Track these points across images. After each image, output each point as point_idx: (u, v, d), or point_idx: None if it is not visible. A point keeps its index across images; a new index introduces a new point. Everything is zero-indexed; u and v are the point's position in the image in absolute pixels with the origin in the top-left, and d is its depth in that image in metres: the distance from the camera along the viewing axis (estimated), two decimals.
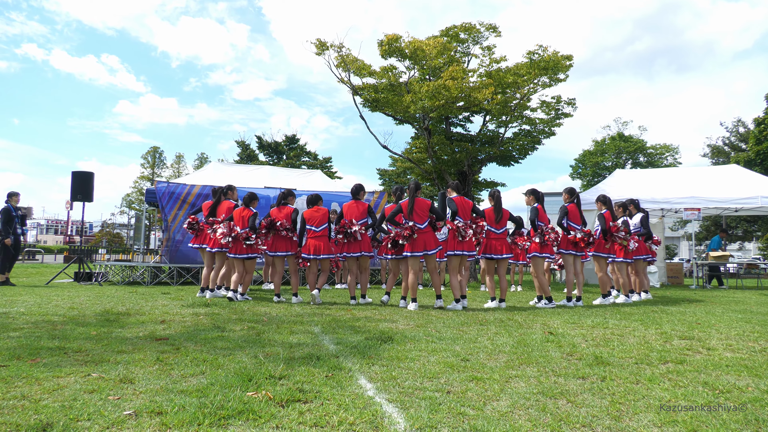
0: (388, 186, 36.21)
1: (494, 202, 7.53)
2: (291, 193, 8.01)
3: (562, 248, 7.76)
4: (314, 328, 5.01)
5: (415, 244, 6.93)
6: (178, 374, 3.14)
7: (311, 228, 7.58)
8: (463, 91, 13.83)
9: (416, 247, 6.94)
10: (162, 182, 11.63)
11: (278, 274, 7.85)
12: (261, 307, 6.87)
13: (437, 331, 4.89)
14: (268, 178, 13.86)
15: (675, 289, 11.99)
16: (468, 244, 7.13)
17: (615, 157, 38.97)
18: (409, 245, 6.95)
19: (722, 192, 12.72)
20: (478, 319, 5.89)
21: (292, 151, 36.48)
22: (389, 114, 16.55)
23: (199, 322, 5.27)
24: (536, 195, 7.81)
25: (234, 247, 7.72)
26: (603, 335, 4.79)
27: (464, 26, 16.24)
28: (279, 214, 7.79)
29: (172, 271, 11.31)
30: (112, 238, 50.44)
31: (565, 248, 7.76)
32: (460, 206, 7.19)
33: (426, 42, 15.03)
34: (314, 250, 7.50)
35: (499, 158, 17.64)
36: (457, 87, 13.54)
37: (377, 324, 5.37)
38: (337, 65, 15.74)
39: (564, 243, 7.77)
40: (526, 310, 6.99)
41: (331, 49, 15.61)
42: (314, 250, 7.50)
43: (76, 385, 2.89)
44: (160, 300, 7.50)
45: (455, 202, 7.18)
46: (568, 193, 8.01)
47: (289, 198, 7.94)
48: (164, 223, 11.45)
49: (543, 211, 7.77)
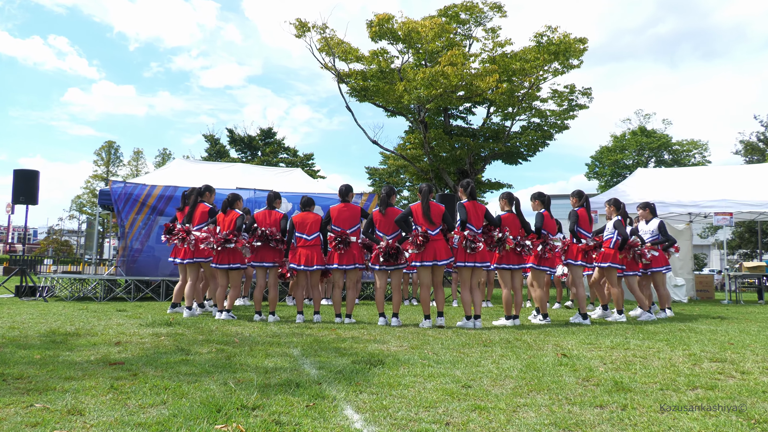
0: (378, 187, 36.28)
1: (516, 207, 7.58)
2: (278, 196, 8.00)
3: (571, 258, 7.84)
4: (293, 351, 4.98)
5: (425, 253, 6.95)
6: (136, 404, 3.11)
7: (301, 236, 7.56)
8: (463, 79, 13.92)
9: (426, 257, 6.95)
10: (118, 182, 11.57)
11: (260, 288, 7.84)
12: (232, 326, 6.83)
13: (435, 354, 4.88)
14: (241, 177, 13.83)
15: (705, 305, 12.09)
16: (481, 255, 7.13)
17: (636, 154, 39.33)
18: (418, 254, 6.97)
19: (757, 194, 12.87)
20: (482, 339, 5.90)
21: (268, 146, 36.45)
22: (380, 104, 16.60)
23: (159, 344, 5.22)
24: (542, 199, 7.88)
25: (217, 256, 7.68)
26: (623, 357, 4.81)
27: (465, 5, 16.36)
28: (267, 221, 7.75)
29: (129, 285, 11.22)
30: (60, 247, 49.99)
31: (575, 258, 7.83)
32: (471, 212, 7.18)
33: (422, 23, 15.11)
34: (306, 261, 7.48)
35: (505, 155, 17.75)
36: (456, 74, 13.62)
37: (366, 345, 5.35)
38: (320, 49, 15.78)
39: (573, 252, 7.84)
40: (535, 328, 7.01)
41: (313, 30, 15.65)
42: (306, 261, 7.48)
43: (16, 417, 2.85)
44: (114, 318, 7.43)
45: (466, 208, 7.17)
46: (577, 196, 8.09)
47: (276, 201, 7.93)
48: (120, 229, 11.38)
49: (550, 218, 7.84)
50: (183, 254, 7.95)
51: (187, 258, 7.90)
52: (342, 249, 7.39)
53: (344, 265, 7.42)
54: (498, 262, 7.48)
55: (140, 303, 10.35)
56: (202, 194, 8.26)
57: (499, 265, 7.48)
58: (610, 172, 39.64)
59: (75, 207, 48.33)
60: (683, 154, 38.79)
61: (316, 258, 7.52)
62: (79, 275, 12.05)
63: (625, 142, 40.06)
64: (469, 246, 7.04)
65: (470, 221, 7.13)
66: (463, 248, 7.09)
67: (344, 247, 7.39)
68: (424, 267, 7.05)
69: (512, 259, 7.44)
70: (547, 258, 7.63)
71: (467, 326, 7.04)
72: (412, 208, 7.12)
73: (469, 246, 7.04)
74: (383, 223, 7.26)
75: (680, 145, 39.08)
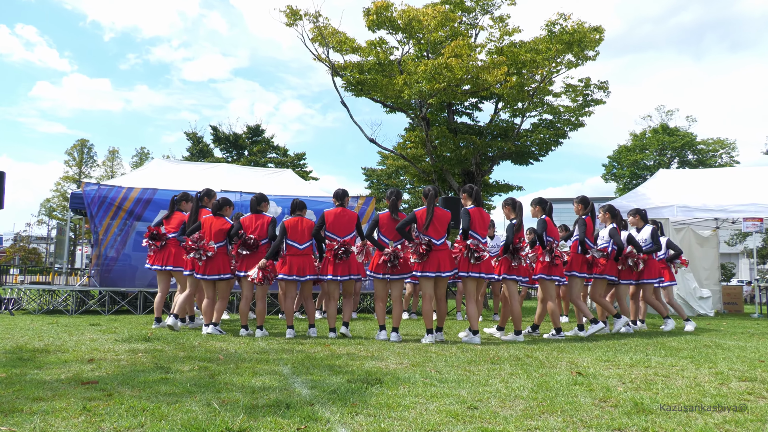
0: (376, 189, 36.34)
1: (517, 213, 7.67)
2: (264, 199, 8.00)
3: (576, 270, 8.01)
4: (283, 368, 4.98)
5: (428, 263, 6.99)
6: (111, 427, 3.10)
7: (293, 244, 7.55)
8: (469, 72, 13.96)
9: (429, 267, 6.99)
10: (91, 184, 11.57)
11: (246, 300, 7.82)
12: (216, 342, 6.83)
13: (438, 372, 4.88)
14: (226, 179, 13.85)
15: (733, 318, 12.11)
16: (486, 265, 7.19)
17: (658, 154, 39.45)
18: (420, 264, 7.00)
19: None
20: (489, 356, 5.90)
21: (255, 145, 36.50)
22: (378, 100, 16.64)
23: (137, 361, 5.21)
24: (543, 205, 7.99)
25: (203, 265, 7.67)
26: (644, 376, 4.82)
27: None
28: (254, 226, 7.70)
29: (104, 297, 11.22)
30: (27, 255, 49.90)
31: (580, 270, 8.03)
32: (476, 220, 7.23)
33: (423, 11, 15.17)
34: (297, 270, 7.48)
35: (515, 155, 17.78)
36: (461, 66, 13.66)
37: (362, 362, 5.35)
38: (313, 39, 15.83)
39: (578, 263, 8.01)
40: (548, 344, 7.01)
41: (306, 18, 15.71)
42: (297, 270, 7.48)
43: None
44: (87, 333, 7.42)
45: (470, 215, 7.21)
46: (582, 203, 8.21)
47: (263, 204, 7.91)
48: (94, 235, 11.38)
49: (552, 225, 7.94)
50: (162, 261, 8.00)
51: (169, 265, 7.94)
52: (344, 259, 7.42)
53: (339, 275, 7.43)
54: (508, 272, 7.51)
55: (115, 316, 10.33)
56: (201, 199, 8.30)
57: (509, 276, 7.50)
58: (629, 174, 39.72)
59: (44, 211, 48.31)
60: (709, 154, 38.91)
61: (309, 267, 7.52)
62: (48, 286, 12.03)
63: (645, 140, 40.18)
64: (473, 256, 7.08)
65: (474, 229, 7.17)
66: (466, 258, 7.13)
67: (346, 258, 7.42)
68: (426, 278, 7.08)
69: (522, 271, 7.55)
70: (557, 266, 7.72)
71: (473, 341, 7.08)
72: (417, 214, 7.14)
73: (473, 256, 7.08)
74: (391, 228, 7.28)
75: (705, 144, 39.21)
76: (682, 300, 12.47)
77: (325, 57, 16.12)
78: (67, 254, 13.96)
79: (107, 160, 47.96)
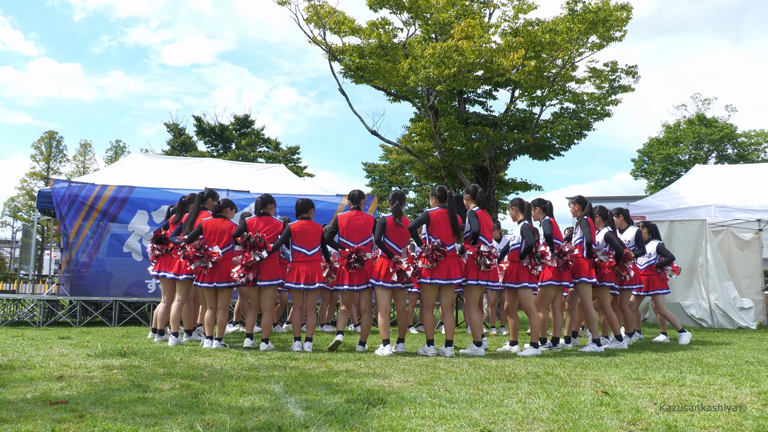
0: (378, 187, 36.34)
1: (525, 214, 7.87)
2: (272, 200, 8.05)
3: (585, 276, 8.09)
4: (274, 387, 4.98)
5: (437, 269, 7.09)
6: None
7: (301, 250, 7.64)
8: (482, 55, 13.94)
9: (438, 273, 7.09)
10: (61, 181, 11.58)
11: (254, 309, 8.00)
12: (199, 356, 6.83)
13: (447, 391, 4.88)
14: (211, 175, 13.84)
15: None
16: (494, 273, 7.41)
17: (693, 147, 39.38)
18: (428, 271, 7.08)
19: None
20: (505, 373, 5.90)
21: (244, 137, 36.51)
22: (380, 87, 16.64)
23: (111, 379, 5.22)
24: (543, 206, 8.14)
25: (208, 273, 7.71)
26: (678, 396, 4.81)
27: None
28: (262, 228, 7.70)
29: (75, 307, 11.23)
30: None
31: (589, 276, 8.11)
32: (484, 223, 7.37)
33: None
34: (306, 278, 7.57)
35: (533, 148, 17.75)
36: (473, 49, 13.65)
37: (363, 380, 5.35)
38: (308, 19, 15.83)
39: (585, 269, 8.10)
40: (570, 360, 7.00)
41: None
42: (306, 278, 7.57)
43: None
44: (56, 347, 7.43)
45: (479, 217, 7.33)
46: (579, 202, 8.35)
47: (269, 206, 7.95)
48: (64, 239, 11.39)
49: (557, 226, 8.09)
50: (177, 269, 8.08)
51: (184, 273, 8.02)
52: (358, 268, 7.51)
53: (356, 285, 7.54)
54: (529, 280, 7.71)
55: (88, 329, 10.33)
56: (204, 200, 8.35)
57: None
58: (661, 170, 39.65)
59: (8, 211, 48.39)
60: (750, 148, 38.83)
61: (318, 275, 7.62)
62: (13, 295, 12.05)
63: (679, 133, 40.10)
64: (484, 263, 7.17)
65: (483, 233, 7.30)
66: (475, 265, 7.25)
67: (360, 266, 7.51)
68: (432, 285, 7.17)
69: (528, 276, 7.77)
70: (567, 271, 7.84)
71: (477, 353, 7.24)
72: (431, 215, 7.23)
73: (484, 263, 7.17)
74: (397, 233, 7.40)
75: (747, 136, 39.12)
76: (720, 311, 12.44)
77: (322, 39, 16.12)
78: (33, 259, 13.97)
79: (78, 155, 48.04)
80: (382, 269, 7.31)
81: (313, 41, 16.26)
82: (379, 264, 7.39)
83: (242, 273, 7.40)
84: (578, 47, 15.32)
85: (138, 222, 11.31)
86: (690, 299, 12.72)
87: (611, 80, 16.35)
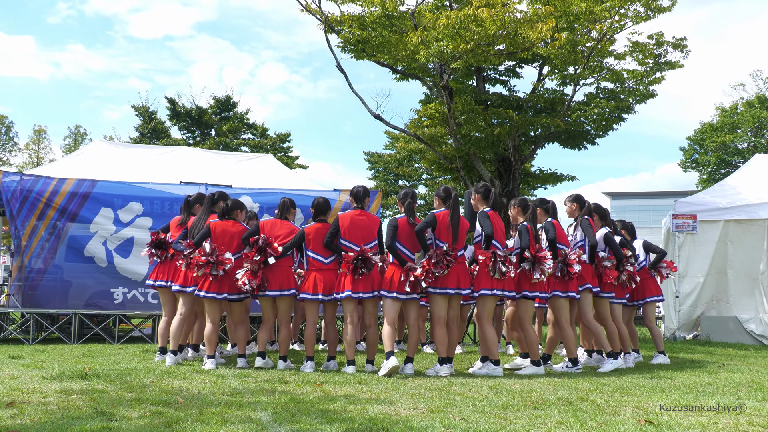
0: (383, 180, 36.35)
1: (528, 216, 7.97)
2: (293, 205, 8.27)
3: (589, 283, 8.22)
4: (261, 415, 4.99)
5: (446, 278, 7.22)
6: None
7: (316, 257, 7.73)
8: (504, 27, 13.94)
9: (448, 282, 7.23)
10: (11, 174, 11.59)
11: (267, 323, 8.09)
12: (173, 379, 6.85)
13: (464, 420, 4.89)
14: (187, 166, 13.84)
15: None
16: (508, 282, 7.53)
17: (753, 134, 39.24)
18: (437, 279, 7.23)
19: None
20: (531, 398, 5.90)
21: (225, 122, 36.57)
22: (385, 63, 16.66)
23: (70, 405, 5.22)
24: (545, 207, 8.22)
25: (215, 283, 7.78)
26: (735, 426, 4.81)
27: None
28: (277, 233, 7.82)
29: (27, 321, 11.25)
30: None
31: (593, 283, 8.25)
32: (496, 225, 7.51)
33: None
34: (324, 289, 7.67)
35: (564, 135, 17.73)
36: (495, 19, 13.65)
37: (365, 407, 5.36)
38: None
39: (590, 277, 8.25)
40: (608, 382, 7.00)
41: None
42: (324, 289, 7.67)
43: None
44: (6, 368, 7.44)
45: (491, 218, 7.47)
46: (577, 201, 8.56)
47: (291, 211, 8.18)
48: (14, 241, 11.40)
49: (561, 228, 8.20)
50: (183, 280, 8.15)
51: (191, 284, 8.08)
52: (365, 273, 7.55)
53: (361, 292, 7.58)
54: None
55: (43, 346, 10.34)
56: (214, 203, 8.42)
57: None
58: (715, 160, 39.52)
59: None
60: None
61: (334, 284, 7.72)
62: None
63: (736, 117, 39.93)
64: (498, 270, 7.26)
65: (497, 236, 7.43)
66: (487, 272, 7.35)
67: (368, 271, 7.55)
68: (441, 296, 7.30)
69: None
70: (572, 280, 7.91)
71: (496, 373, 7.38)
72: (437, 216, 7.34)
73: (498, 270, 7.26)
74: (410, 237, 7.46)
75: None
76: None
77: (316, 7, 16.15)
78: None
79: (31, 143, 48.12)
80: (394, 278, 7.38)
81: (307, 10, 16.29)
82: (390, 272, 7.46)
83: (248, 278, 7.49)
84: (619, 18, 15.27)
85: (102, 221, 11.20)
86: (749, 313, 12.68)
87: (656, 55, 16.30)
